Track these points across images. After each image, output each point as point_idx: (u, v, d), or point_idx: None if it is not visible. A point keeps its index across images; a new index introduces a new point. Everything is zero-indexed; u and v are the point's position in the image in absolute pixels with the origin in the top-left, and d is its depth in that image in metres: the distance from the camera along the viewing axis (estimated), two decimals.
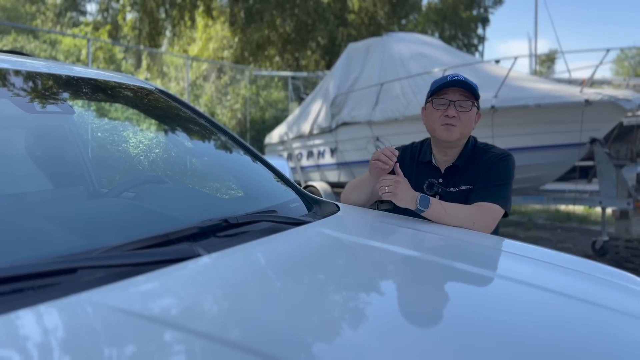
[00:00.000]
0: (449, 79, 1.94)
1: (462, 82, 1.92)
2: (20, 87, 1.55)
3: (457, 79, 1.93)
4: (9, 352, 0.71)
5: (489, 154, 1.98)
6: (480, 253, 1.57)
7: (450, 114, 1.92)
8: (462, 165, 1.99)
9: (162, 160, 2.11)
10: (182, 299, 0.94)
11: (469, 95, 1.94)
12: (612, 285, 1.36)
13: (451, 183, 1.99)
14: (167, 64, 14.85)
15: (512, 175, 1.95)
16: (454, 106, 1.93)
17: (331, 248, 1.41)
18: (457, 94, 1.94)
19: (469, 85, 1.93)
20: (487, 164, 1.94)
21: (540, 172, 6.17)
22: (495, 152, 1.99)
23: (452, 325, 0.95)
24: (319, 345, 0.84)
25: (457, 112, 1.92)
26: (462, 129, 1.94)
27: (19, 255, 1.03)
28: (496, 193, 1.88)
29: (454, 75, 1.95)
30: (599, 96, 5.50)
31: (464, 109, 1.93)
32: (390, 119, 6.75)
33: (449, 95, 1.94)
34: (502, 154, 1.97)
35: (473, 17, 21.86)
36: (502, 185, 1.90)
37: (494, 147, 2.03)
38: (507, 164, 1.94)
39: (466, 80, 1.93)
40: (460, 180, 1.98)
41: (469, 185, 1.96)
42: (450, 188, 1.97)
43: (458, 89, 1.93)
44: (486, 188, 1.89)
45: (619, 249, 5.92)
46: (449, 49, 8.83)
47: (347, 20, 18.25)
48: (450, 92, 1.94)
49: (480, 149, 2.01)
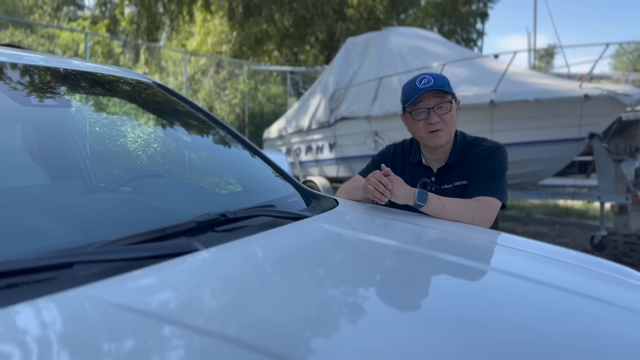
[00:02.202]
0: (419, 85, 1.91)
1: (433, 85, 1.89)
2: (18, 80, 1.54)
3: (427, 85, 1.89)
4: (5, 347, 0.71)
5: (480, 148, 1.97)
6: (479, 247, 1.56)
7: (433, 121, 1.90)
8: (455, 163, 1.98)
9: (160, 154, 2.10)
10: (180, 293, 0.94)
11: (443, 94, 1.91)
12: (611, 279, 1.36)
13: (445, 180, 1.99)
14: (165, 58, 14.80)
15: (506, 167, 1.95)
16: (434, 112, 1.91)
17: (330, 243, 1.41)
18: (432, 99, 1.91)
19: (440, 86, 1.89)
20: (479, 158, 1.94)
21: (539, 167, 6.17)
22: (486, 145, 1.98)
23: (451, 319, 0.95)
24: (318, 340, 0.84)
25: (439, 117, 1.91)
26: (448, 129, 1.93)
27: (15, 249, 1.03)
28: (492, 186, 1.87)
29: (423, 78, 1.92)
30: (598, 91, 5.49)
31: (444, 111, 1.91)
32: (389, 114, 6.74)
33: (425, 103, 1.92)
34: (494, 147, 1.96)
35: (472, 11, 21.78)
36: (496, 177, 1.90)
37: (485, 140, 2.02)
38: (499, 155, 1.94)
39: (436, 82, 1.90)
40: (454, 177, 1.98)
41: (463, 180, 1.95)
42: (444, 185, 1.97)
43: (431, 92, 1.90)
44: (482, 182, 1.89)
45: (617, 243, 5.92)
46: (448, 44, 8.80)
47: (346, 15, 18.18)
48: (425, 98, 1.91)
49: (470, 144, 2.01)
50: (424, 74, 1.96)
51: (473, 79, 6.44)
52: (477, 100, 5.89)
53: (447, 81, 1.94)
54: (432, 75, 1.93)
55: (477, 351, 0.84)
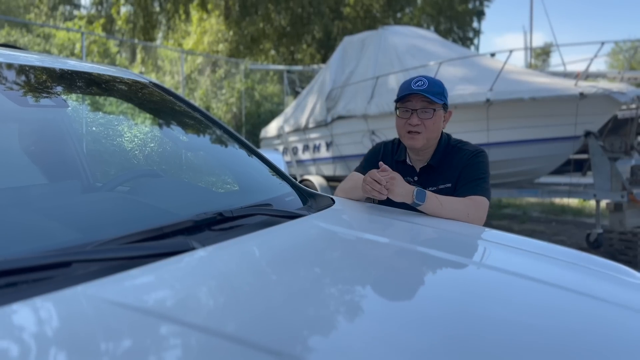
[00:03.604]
0: (412, 85, 1.95)
1: (423, 90, 1.91)
2: (14, 80, 1.54)
3: (419, 87, 1.93)
4: (4, 345, 0.71)
5: (463, 152, 2.01)
6: (475, 245, 1.58)
7: (413, 122, 1.94)
8: (437, 164, 2.02)
9: (157, 154, 2.10)
10: (177, 291, 0.94)
11: (431, 101, 1.94)
12: (606, 277, 1.37)
13: (429, 182, 2.01)
14: (161, 57, 14.76)
15: (488, 171, 2.00)
16: (417, 114, 1.94)
17: (326, 241, 1.42)
18: (419, 102, 1.95)
19: (429, 93, 1.92)
20: (463, 162, 1.98)
21: (535, 165, 6.19)
22: (468, 149, 2.02)
23: (446, 317, 0.96)
24: (315, 337, 0.84)
25: (421, 120, 1.94)
26: (427, 134, 1.96)
27: (13, 249, 1.03)
28: (480, 186, 1.93)
29: (419, 80, 1.95)
30: (593, 89, 5.51)
31: (427, 116, 1.94)
32: (385, 113, 6.74)
33: (412, 103, 1.96)
34: (476, 151, 2.01)
35: (469, 10, 21.82)
36: (482, 178, 1.95)
37: (467, 144, 2.06)
38: (482, 159, 1.99)
39: (428, 87, 1.92)
40: (438, 179, 2.01)
41: (447, 183, 1.99)
42: (429, 187, 1.98)
43: (420, 95, 1.93)
44: (471, 182, 1.93)
45: (613, 241, 5.95)
46: (445, 43, 8.81)
47: (342, 14, 18.18)
48: (413, 99, 1.95)
49: (453, 147, 2.04)
50: (423, 76, 1.99)
51: (469, 78, 6.46)
52: (473, 98, 5.90)
53: (441, 90, 1.96)
54: (429, 80, 1.95)
55: (473, 348, 0.85)
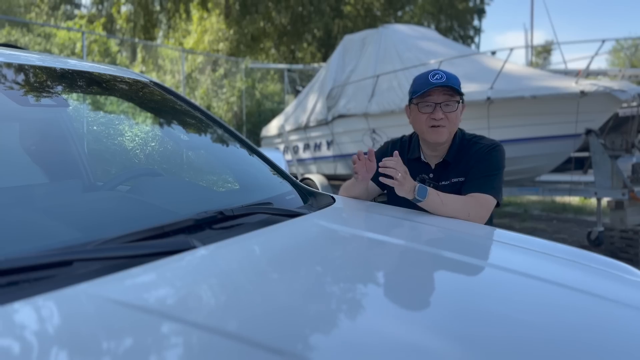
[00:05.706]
0: (431, 79, 1.93)
1: (445, 82, 1.91)
2: (15, 80, 1.54)
3: (439, 80, 1.92)
4: (5, 344, 0.71)
5: (479, 146, 1.99)
6: (476, 244, 1.57)
7: (437, 117, 1.93)
8: (452, 160, 2.00)
9: (158, 153, 2.10)
10: (178, 290, 0.94)
11: (453, 94, 1.94)
12: (608, 275, 1.37)
13: (442, 177, 2.00)
14: (162, 56, 14.75)
15: (503, 166, 1.96)
16: (440, 108, 1.93)
17: (327, 239, 1.42)
18: (441, 95, 1.94)
19: (452, 84, 1.92)
20: (477, 156, 1.96)
21: (536, 163, 6.18)
22: (484, 143, 2.00)
23: (447, 315, 0.96)
24: (316, 336, 0.84)
25: (444, 114, 1.93)
26: (450, 128, 1.96)
27: (14, 247, 1.03)
28: (488, 183, 1.89)
29: (436, 74, 1.94)
30: (594, 87, 5.50)
31: (451, 109, 1.94)
32: (386, 111, 6.75)
33: (434, 97, 1.94)
34: (492, 145, 1.98)
35: (469, 8, 21.79)
36: (493, 175, 1.92)
37: (484, 138, 2.04)
38: (497, 154, 1.96)
39: (448, 80, 1.92)
40: (452, 174, 2.00)
41: (461, 177, 1.97)
42: (442, 182, 1.98)
43: (442, 88, 1.92)
44: (478, 179, 1.91)
45: (614, 239, 5.94)
46: (445, 41, 8.80)
47: (342, 12, 18.15)
48: (434, 93, 1.94)
49: (469, 141, 2.03)
50: (438, 69, 1.99)
51: (470, 76, 6.44)
52: (474, 97, 5.89)
53: (459, 82, 1.96)
54: (445, 72, 1.95)
55: (474, 346, 0.85)
